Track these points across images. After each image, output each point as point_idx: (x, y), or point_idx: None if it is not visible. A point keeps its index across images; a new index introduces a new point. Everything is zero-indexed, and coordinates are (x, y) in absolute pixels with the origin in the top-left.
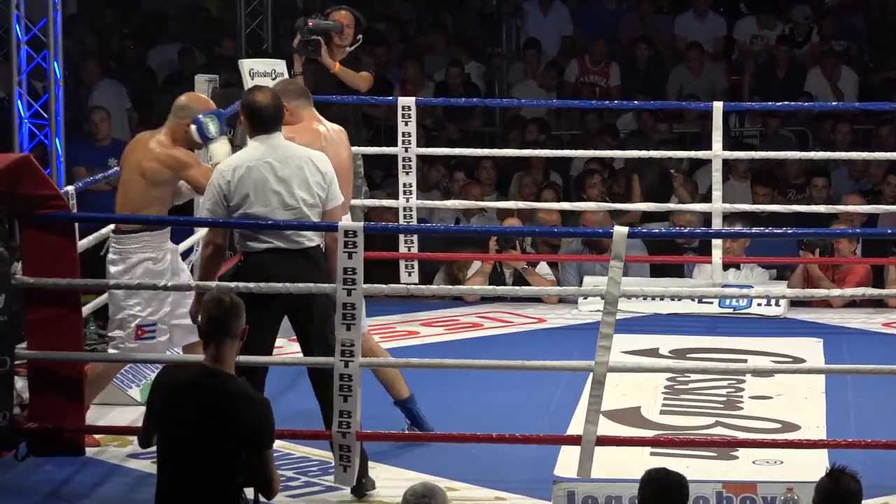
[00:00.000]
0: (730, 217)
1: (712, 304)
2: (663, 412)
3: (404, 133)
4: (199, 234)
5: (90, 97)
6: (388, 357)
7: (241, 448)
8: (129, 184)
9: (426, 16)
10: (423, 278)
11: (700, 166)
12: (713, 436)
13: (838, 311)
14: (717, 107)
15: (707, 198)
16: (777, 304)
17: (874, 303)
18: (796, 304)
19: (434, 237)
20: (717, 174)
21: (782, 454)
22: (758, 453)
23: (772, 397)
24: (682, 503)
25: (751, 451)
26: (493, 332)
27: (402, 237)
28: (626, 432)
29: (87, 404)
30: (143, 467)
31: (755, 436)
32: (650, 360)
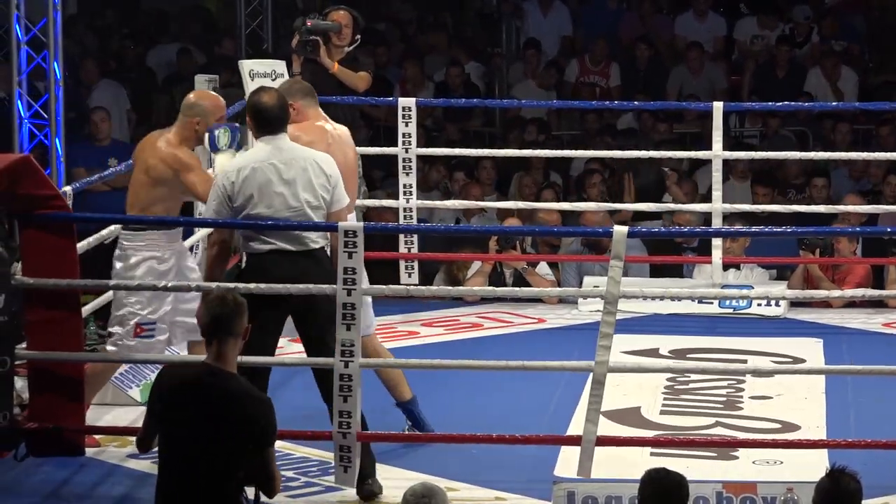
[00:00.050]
0: (730, 217)
1: (712, 304)
2: (663, 412)
3: (404, 133)
4: (199, 233)
5: (89, 97)
6: (392, 358)
7: (243, 446)
8: (136, 182)
9: (426, 16)
10: (423, 278)
11: (700, 166)
12: (713, 436)
13: (838, 312)
14: (717, 107)
15: (707, 198)
16: (777, 305)
17: (874, 303)
18: (796, 304)
19: (434, 237)
20: (717, 174)
21: (782, 454)
22: (758, 453)
23: (772, 397)
24: (682, 503)
25: (751, 451)
26: (493, 332)
27: (402, 237)
28: (626, 432)
29: (87, 402)
30: (143, 467)
31: (755, 436)
32: (650, 361)
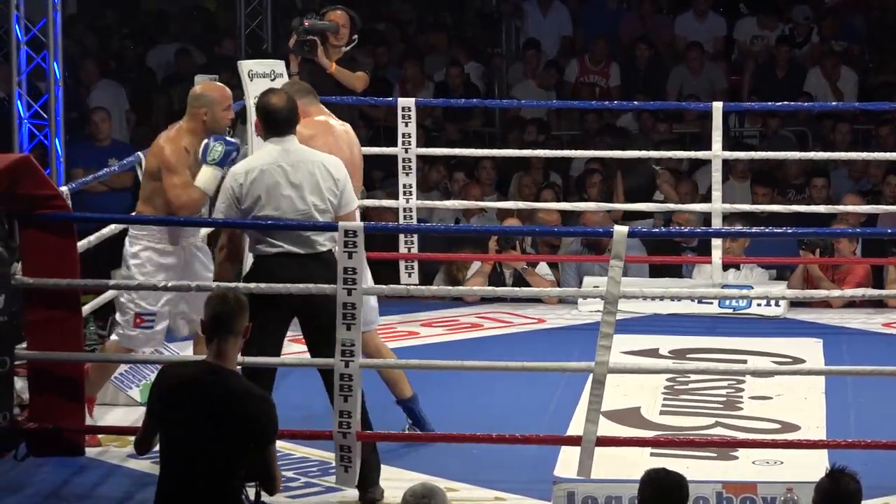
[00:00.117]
0: (729, 217)
1: (712, 304)
2: (663, 412)
3: (404, 133)
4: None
5: (88, 98)
6: (394, 356)
7: (244, 444)
8: (143, 175)
9: (426, 16)
10: (423, 278)
11: (700, 166)
12: (713, 436)
13: (838, 312)
14: (717, 107)
15: (707, 198)
16: (777, 305)
17: (874, 303)
18: (796, 304)
19: (434, 237)
20: (716, 174)
21: (782, 454)
22: (758, 454)
23: (772, 398)
24: (682, 503)
25: (751, 451)
26: (492, 332)
27: (402, 237)
28: (626, 432)
29: (93, 396)
30: (143, 467)
31: (755, 436)
32: (650, 361)
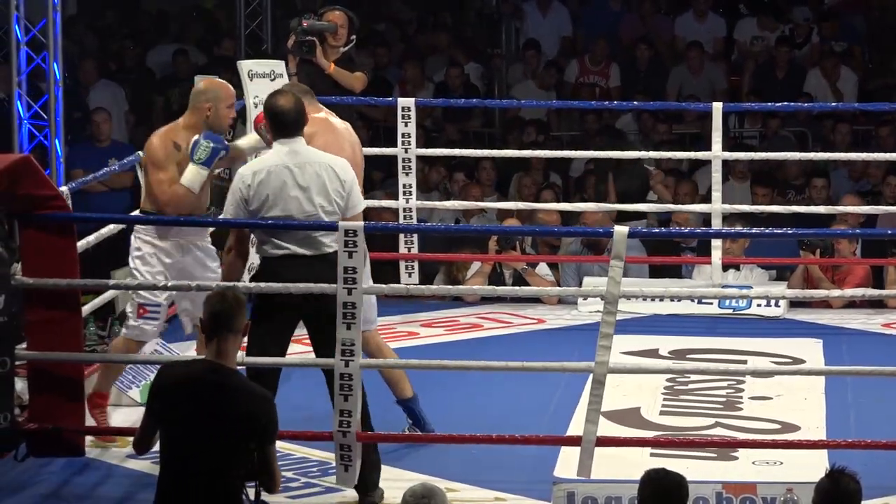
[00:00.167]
0: (729, 218)
1: (712, 304)
2: (663, 413)
3: (404, 134)
4: None
5: (87, 98)
6: (395, 356)
7: (244, 442)
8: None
9: (426, 16)
10: (423, 279)
11: (700, 167)
12: (713, 436)
13: (838, 312)
14: (717, 107)
15: (707, 198)
16: (777, 305)
17: (874, 303)
18: (796, 304)
19: (434, 237)
20: (716, 175)
21: (782, 455)
22: (758, 454)
23: (771, 398)
24: (682, 503)
25: (751, 451)
26: (492, 332)
27: (402, 237)
28: (626, 433)
29: (106, 391)
30: (143, 467)
31: (755, 436)
32: (650, 361)
